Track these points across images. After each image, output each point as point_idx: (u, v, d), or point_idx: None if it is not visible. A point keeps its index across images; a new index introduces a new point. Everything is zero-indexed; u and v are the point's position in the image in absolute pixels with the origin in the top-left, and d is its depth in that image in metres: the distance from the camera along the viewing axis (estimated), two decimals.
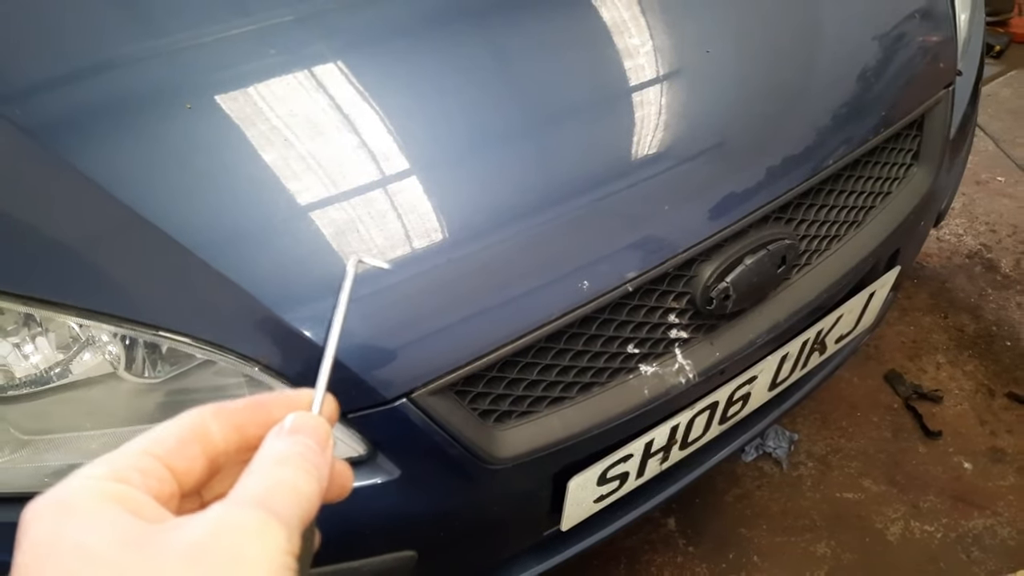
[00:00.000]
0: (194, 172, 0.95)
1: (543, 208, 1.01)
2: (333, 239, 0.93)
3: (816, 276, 1.25)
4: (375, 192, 0.97)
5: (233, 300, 0.90)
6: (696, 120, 1.13)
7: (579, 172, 1.05)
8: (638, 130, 1.09)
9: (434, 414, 0.95)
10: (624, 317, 1.06)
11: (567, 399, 1.06)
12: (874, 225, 1.31)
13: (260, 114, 0.98)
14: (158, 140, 0.97)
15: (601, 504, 1.21)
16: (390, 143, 1.01)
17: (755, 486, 1.90)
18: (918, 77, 1.32)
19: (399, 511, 1.02)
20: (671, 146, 1.10)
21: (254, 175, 0.95)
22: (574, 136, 1.08)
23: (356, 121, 1.00)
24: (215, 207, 0.94)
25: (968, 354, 2.22)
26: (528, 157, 1.04)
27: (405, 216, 0.96)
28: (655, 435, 1.17)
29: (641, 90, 1.13)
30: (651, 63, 1.17)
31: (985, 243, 2.56)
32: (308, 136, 0.98)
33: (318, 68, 1.04)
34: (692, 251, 1.07)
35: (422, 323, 0.94)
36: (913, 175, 1.38)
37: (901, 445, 2.01)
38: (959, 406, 2.09)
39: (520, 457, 1.02)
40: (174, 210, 0.92)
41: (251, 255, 0.92)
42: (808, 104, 1.21)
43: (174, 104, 0.97)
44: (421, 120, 1.03)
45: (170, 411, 0.97)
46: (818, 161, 1.18)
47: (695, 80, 1.18)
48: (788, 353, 1.29)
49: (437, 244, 0.96)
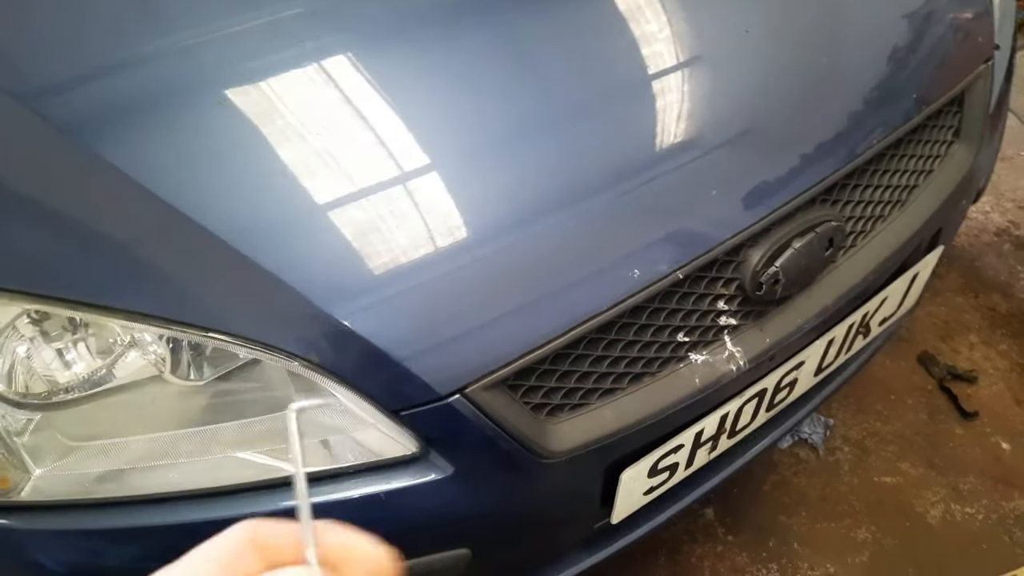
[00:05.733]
0: (232, 168, 0.94)
1: (591, 196, 0.99)
2: (378, 231, 0.91)
3: (862, 258, 1.22)
4: (419, 183, 0.95)
5: (278, 297, 0.88)
6: (740, 104, 1.11)
7: (626, 159, 1.03)
8: (684, 115, 1.07)
9: (488, 409, 0.93)
10: (674, 305, 1.04)
11: (618, 390, 1.04)
12: (917, 204, 1.29)
13: (295, 107, 0.96)
14: (195, 137, 0.95)
15: (651, 496, 1.19)
16: (431, 134, 0.99)
17: (792, 473, 1.88)
18: (958, 53, 1.29)
19: (453, 509, 1.00)
20: (716, 131, 1.08)
21: (292, 169, 0.93)
22: (619, 123, 1.06)
23: (396, 113, 0.99)
24: (255, 203, 0.92)
25: (1001, 333, 2.20)
26: (573, 145, 1.02)
27: (452, 207, 0.94)
28: (705, 424, 1.15)
29: (684, 74, 1.11)
30: (691, 46, 1.14)
31: (1013, 220, 2.53)
32: (346, 129, 0.96)
33: (350, 59, 1.02)
34: (741, 236, 1.04)
35: (473, 317, 0.92)
36: (955, 152, 1.35)
37: (938, 427, 1.98)
38: (994, 386, 2.07)
39: (574, 450, 1.01)
40: (215, 207, 0.91)
41: (294, 250, 0.91)
42: (851, 84, 1.19)
43: (210, 100, 0.96)
44: (464, 109, 1.01)
45: (217, 413, 0.96)
46: (863, 141, 1.16)
47: (737, 63, 1.15)
48: (835, 337, 1.27)
49: (488, 235, 0.94)
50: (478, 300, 0.92)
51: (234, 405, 0.97)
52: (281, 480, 0.96)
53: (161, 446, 0.95)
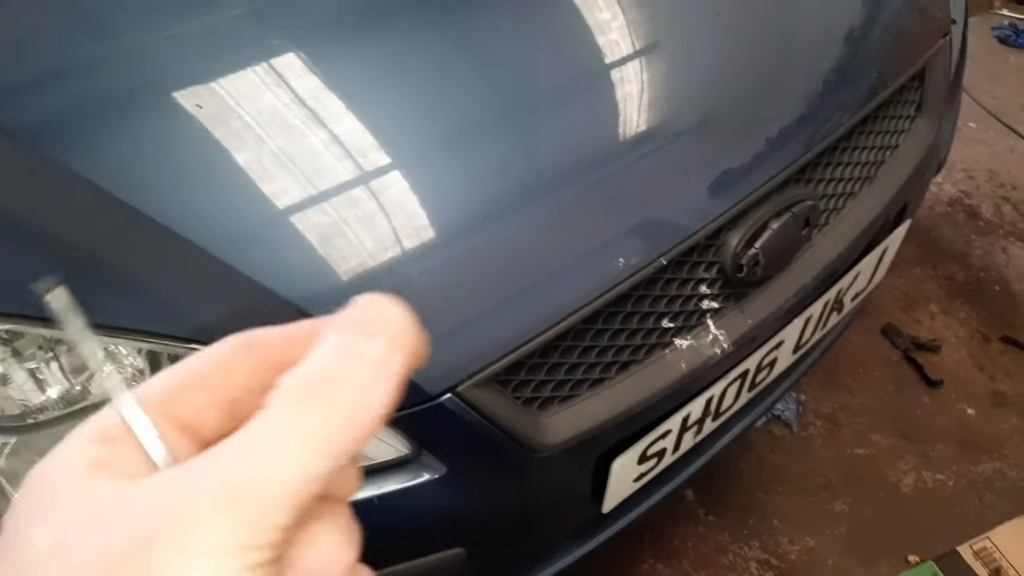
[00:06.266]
0: (206, 173, 0.91)
1: (571, 186, 0.98)
2: (360, 233, 0.89)
3: (835, 235, 1.23)
4: (396, 180, 0.93)
5: (261, 304, 0.86)
6: (713, 89, 1.11)
7: (603, 147, 1.02)
8: (659, 101, 1.07)
9: (480, 406, 0.92)
10: (658, 291, 1.04)
11: (607, 379, 1.03)
12: (885, 179, 1.30)
13: (261, 112, 0.94)
14: (165, 142, 0.92)
15: (640, 483, 1.19)
16: (404, 129, 0.97)
17: (768, 450, 1.90)
18: (918, 29, 1.31)
19: (447, 509, 0.99)
20: (690, 116, 1.08)
21: (269, 173, 0.91)
22: (595, 111, 1.05)
23: (369, 108, 0.97)
24: (233, 208, 0.90)
25: (960, 301, 2.24)
26: (552, 134, 1.01)
27: (433, 203, 0.92)
28: (691, 408, 1.15)
29: (659, 59, 1.10)
30: (664, 31, 1.14)
31: (964, 190, 2.58)
32: (322, 126, 0.94)
33: (315, 59, 1.00)
34: (720, 220, 1.04)
35: (462, 313, 0.90)
36: (918, 126, 1.37)
37: (905, 397, 2.02)
38: (957, 354, 2.11)
39: (566, 442, 1.00)
40: (192, 213, 0.88)
41: (274, 255, 0.88)
42: (818, 65, 1.19)
43: (182, 105, 0.93)
44: (436, 102, 1.00)
45: None
46: (832, 120, 1.17)
47: (708, 47, 1.15)
48: (812, 315, 1.28)
49: (469, 230, 0.92)
50: (465, 296, 0.91)
51: None
52: None
53: None
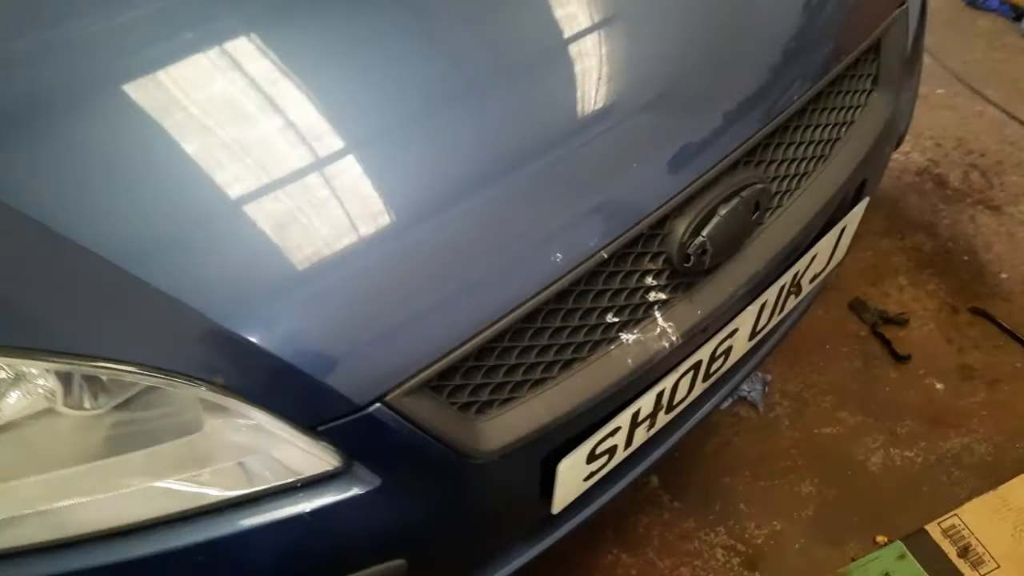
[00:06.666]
0: (110, 177, 0.85)
1: (503, 178, 0.92)
2: (275, 235, 0.84)
3: (789, 218, 1.19)
4: (314, 177, 0.88)
5: (174, 317, 0.81)
6: (650, 69, 1.06)
7: (537, 135, 0.96)
8: (594, 83, 1.01)
9: (411, 415, 0.87)
10: (600, 286, 0.99)
11: (549, 380, 0.99)
12: (841, 156, 1.26)
13: (177, 103, 0.88)
14: (67, 146, 0.86)
15: (591, 481, 1.15)
16: (322, 122, 0.92)
17: (733, 433, 1.87)
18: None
19: (384, 521, 0.94)
20: (629, 99, 1.02)
21: (180, 173, 0.85)
22: (524, 97, 1.00)
23: (282, 100, 0.91)
24: (139, 216, 0.84)
25: (928, 273, 2.21)
26: (477, 124, 0.96)
27: (350, 201, 0.87)
28: (641, 404, 1.11)
29: (592, 39, 1.05)
30: (591, 9, 1.08)
31: (932, 159, 2.55)
32: (233, 123, 0.89)
33: (233, 44, 0.94)
34: (664, 208, 1.00)
35: (388, 318, 0.85)
36: (874, 100, 1.33)
37: (873, 373, 1.99)
38: (925, 327, 2.09)
39: (506, 447, 0.96)
40: (93, 224, 0.83)
41: (186, 266, 0.83)
42: (765, 40, 1.14)
43: (79, 104, 0.87)
44: (354, 93, 0.94)
45: (119, 445, 0.88)
46: (782, 98, 1.12)
47: (645, 25, 1.09)
48: (767, 301, 1.24)
49: (390, 229, 0.87)
50: (391, 300, 0.86)
51: (141, 433, 0.89)
52: (205, 508, 0.89)
53: (61, 484, 0.87)
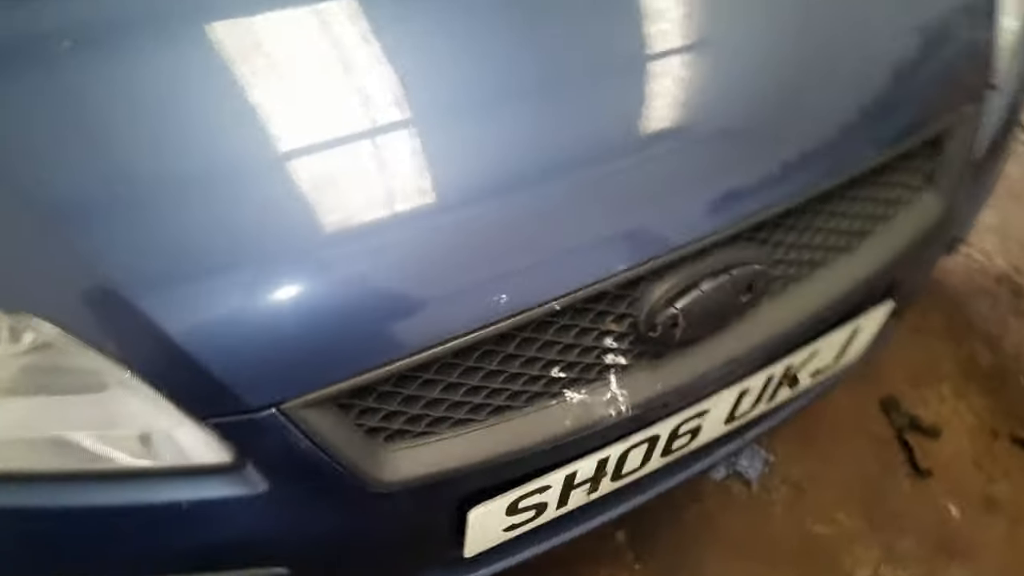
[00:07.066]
0: (48, 123, 0.83)
1: (459, 200, 0.87)
2: (200, 221, 0.80)
3: (790, 306, 1.10)
4: (253, 166, 0.84)
5: (81, 274, 0.78)
6: (658, 114, 0.98)
7: (510, 165, 0.90)
8: (607, 119, 0.95)
9: (308, 428, 0.83)
10: (550, 337, 0.93)
11: (474, 422, 0.93)
12: (867, 252, 1.15)
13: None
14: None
15: (515, 532, 1.09)
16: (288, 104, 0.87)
17: (719, 506, 1.77)
18: (938, 90, 1.14)
19: (265, 528, 0.90)
20: (620, 139, 0.95)
21: (135, 134, 0.83)
22: (535, 118, 0.93)
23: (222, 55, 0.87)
24: (78, 167, 0.82)
25: (977, 388, 2.06)
26: (448, 139, 0.90)
27: (281, 202, 0.83)
28: (579, 467, 1.04)
29: (597, 69, 0.98)
30: (622, 37, 1.01)
31: (1017, 266, 2.36)
32: (191, 80, 0.86)
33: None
34: (638, 270, 0.92)
35: (302, 325, 0.81)
36: (923, 199, 1.21)
37: (886, 479, 1.86)
38: (956, 444, 1.94)
39: (411, 481, 0.90)
40: (34, 167, 0.81)
41: (110, 226, 0.80)
42: (803, 109, 1.05)
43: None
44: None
45: (29, 388, 0.86)
46: (807, 178, 1.02)
47: (669, 72, 1.01)
48: (749, 388, 1.15)
49: (313, 237, 0.82)
50: (304, 310, 0.81)
51: (54, 383, 0.87)
52: (95, 472, 0.86)
53: None
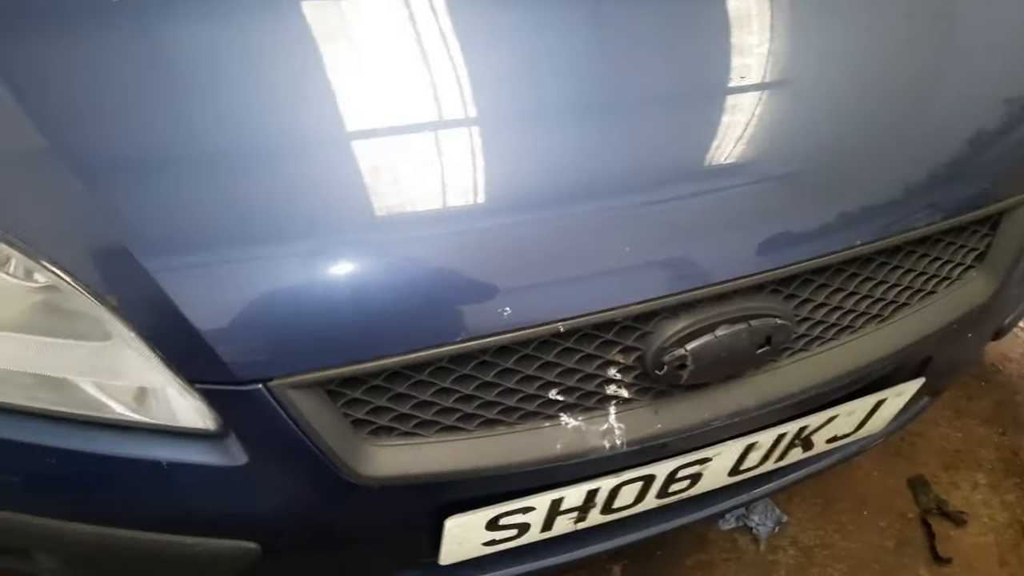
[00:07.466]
0: (88, 77, 0.85)
1: (481, 208, 0.86)
2: (218, 183, 0.82)
3: (810, 367, 1.06)
4: (288, 149, 0.85)
5: (97, 228, 0.80)
6: (709, 151, 0.96)
7: (542, 181, 0.89)
8: (627, 143, 0.93)
9: (292, 409, 0.83)
10: (551, 358, 0.91)
11: (462, 430, 0.92)
12: (902, 326, 1.11)
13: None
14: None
15: (494, 548, 1.08)
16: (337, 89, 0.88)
17: (723, 558, 1.73)
18: (1001, 169, 1.09)
19: (240, 501, 0.91)
20: (664, 173, 0.93)
21: (167, 91, 0.84)
22: (552, 133, 0.93)
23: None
24: (114, 124, 0.83)
25: (1015, 482, 1.96)
26: (489, 147, 0.90)
27: (304, 187, 0.83)
28: (566, 494, 1.02)
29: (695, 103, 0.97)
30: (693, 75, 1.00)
31: None
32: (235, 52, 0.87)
33: None
34: (651, 305, 0.90)
35: (297, 307, 0.81)
36: (970, 280, 1.16)
37: (901, 561, 1.78)
38: (982, 537, 1.85)
39: (389, 480, 0.90)
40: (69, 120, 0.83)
41: (133, 186, 0.82)
42: (863, 166, 1.01)
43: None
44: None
45: (40, 327, 0.88)
46: (848, 238, 0.99)
47: (740, 104, 0.99)
48: (757, 443, 1.11)
49: (327, 230, 0.83)
50: (310, 294, 0.81)
51: (63, 326, 0.89)
52: (92, 418, 0.88)
53: None
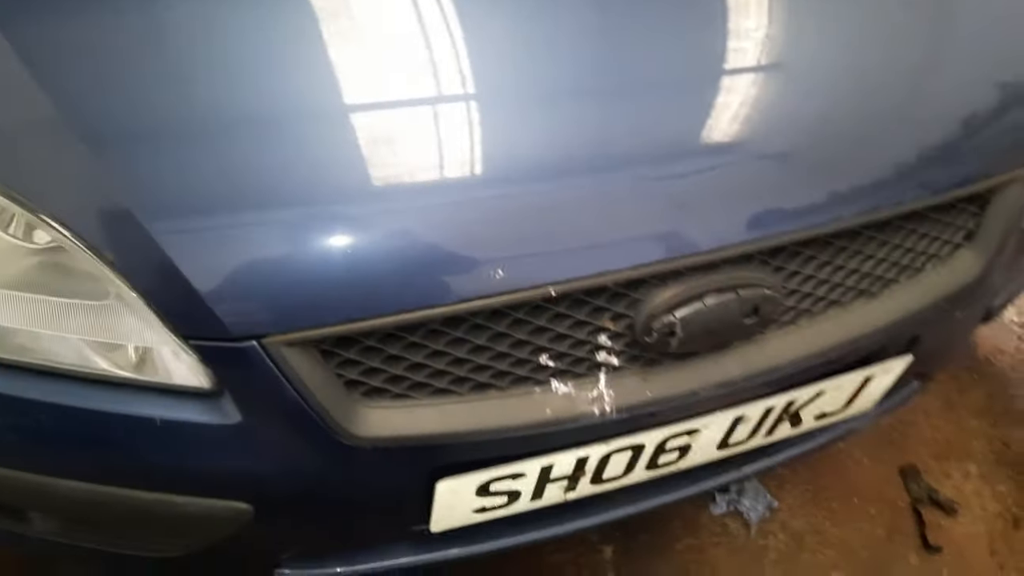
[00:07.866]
0: (105, 44, 0.86)
1: (474, 174, 0.88)
2: (218, 149, 0.83)
3: (797, 340, 1.07)
4: (285, 115, 0.87)
5: (99, 186, 0.82)
6: (703, 124, 0.97)
7: (536, 150, 0.91)
8: (623, 116, 0.95)
9: (286, 367, 0.85)
10: (543, 323, 0.93)
11: (453, 394, 0.94)
12: (888, 302, 1.12)
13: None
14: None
15: (485, 515, 1.09)
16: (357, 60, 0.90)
17: (712, 542, 1.74)
18: (1000, 144, 1.11)
19: (233, 460, 0.92)
20: (657, 144, 0.95)
21: (174, 59, 0.86)
22: (545, 105, 0.94)
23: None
24: (127, 91, 0.85)
25: (1006, 473, 1.98)
26: (486, 117, 0.91)
27: (302, 147, 0.85)
28: (555, 460, 1.03)
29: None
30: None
31: None
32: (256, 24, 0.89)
33: None
34: (642, 271, 0.92)
35: (296, 264, 0.82)
36: (959, 258, 1.17)
37: (891, 548, 1.80)
38: (973, 527, 1.86)
39: (382, 440, 0.91)
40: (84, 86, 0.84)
41: (138, 151, 0.83)
42: (853, 141, 1.02)
43: None
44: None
45: (39, 286, 0.89)
46: (836, 212, 1.00)
47: (735, 82, 1.01)
48: (744, 416, 1.13)
49: (321, 190, 0.84)
50: (306, 254, 0.82)
51: (58, 285, 0.90)
52: (90, 375, 0.89)
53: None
